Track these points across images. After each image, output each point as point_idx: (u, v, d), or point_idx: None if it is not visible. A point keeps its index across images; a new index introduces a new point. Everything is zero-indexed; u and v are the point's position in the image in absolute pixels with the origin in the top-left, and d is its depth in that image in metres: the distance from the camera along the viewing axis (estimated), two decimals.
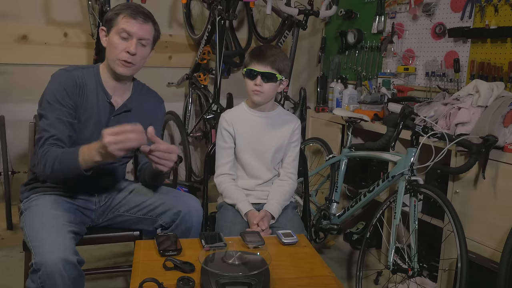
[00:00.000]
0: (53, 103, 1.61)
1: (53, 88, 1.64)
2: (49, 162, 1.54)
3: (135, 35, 1.64)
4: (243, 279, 1.18)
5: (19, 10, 3.07)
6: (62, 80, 1.65)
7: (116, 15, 1.65)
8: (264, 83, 1.84)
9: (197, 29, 3.54)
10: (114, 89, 1.74)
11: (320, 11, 3.06)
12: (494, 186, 1.96)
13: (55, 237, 1.45)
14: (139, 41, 1.65)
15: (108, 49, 1.69)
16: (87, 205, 1.77)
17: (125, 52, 1.64)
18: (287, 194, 1.94)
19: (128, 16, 1.63)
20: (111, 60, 1.68)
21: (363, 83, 3.11)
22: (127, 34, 1.64)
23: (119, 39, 1.64)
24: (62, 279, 1.38)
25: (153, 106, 1.85)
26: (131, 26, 1.63)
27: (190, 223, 1.71)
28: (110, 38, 1.66)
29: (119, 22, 1.64)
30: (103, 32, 1.70)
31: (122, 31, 1.63)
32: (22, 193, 1.77)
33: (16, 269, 2.41)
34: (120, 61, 1.65)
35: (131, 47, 1.63)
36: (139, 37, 1.65)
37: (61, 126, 1.61)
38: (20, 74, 3.12)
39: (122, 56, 1.65)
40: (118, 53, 1.65)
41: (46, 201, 1.65)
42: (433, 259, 2.35)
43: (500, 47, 2.33)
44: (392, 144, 2.16)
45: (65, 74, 1.67)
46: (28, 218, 1.59)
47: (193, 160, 3.57)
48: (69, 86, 1.64)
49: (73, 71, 1.69)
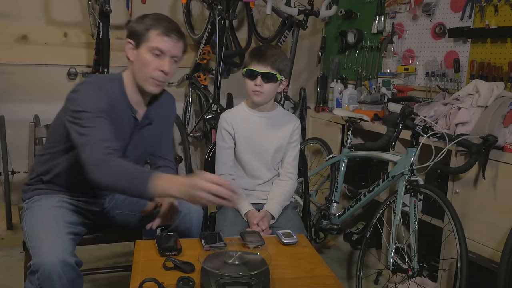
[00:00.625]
0: (96, 112, 1.50)
1: (90, 100, 1.52)
2: (114, 175, 1.42)
3: (169, 53, 1.58)
4: (243, 279, 1.18)
5: (19, 10, 3.07)
6: (98, 93, 1.55)
7: (147, 30, 1.57)
8: (264, 84, 1.83)
9: (197, 29, 3.54)
10: (138, 103, 1.68)
11: (320, 11, 3.06)
12: (494, 186, 1.96)
13: (54, 238, 1.45)
14: (171, 58, 1.59)
15: (137, 65, 1.60)
16: (91, 207, 1.76)
17: (158, 71, 1.58)
18: (287, 194, 1.94)
19: (162, 34, 1.56)
20: (141, 78, 1.60)
21: (363, 83, 3.11)
22: (160, 52, 1.57)
23: (151, 56, 1.57)
24: (60, 280, 1.38)
25: (167, 107, 1.80)
26: (165, 44, 1.56)
27: (190, 223, 1.71)
28: (141, 54, 1.58)
29: (151, 39, 1.56)
30: (130, 45, 1.61)
31: (156, 49, 1.56)
32: (25, 193, 1.74)
33: (16, 269, 2.41)
34: (152, 80, 1.59)
35: (165, 66, 1.57)
36: (172, 55, 1.59)
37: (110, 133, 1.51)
38: (20, 74, 3.12)
39: (156, 75, 1.58)
40: (151, 71, 1.58)
41: (48, 201, 1.64)
42: (433, 259, 2.35)
43: (500, 47, 2.33)
44: (392, 144, 2.16)
45: (97, 88, 1.56)
46: (28, 218, 1.59)
47: (193, 160, 3.57)
48: (104, 100, 1.55)
49: (104, 85, 1.59)
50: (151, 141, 1.67)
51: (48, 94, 3.15)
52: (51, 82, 3.19)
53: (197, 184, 1.30)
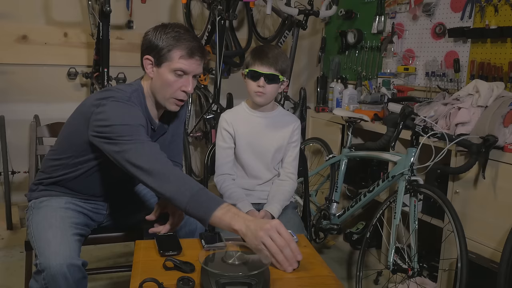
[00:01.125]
0: (137, 126, 1.47)
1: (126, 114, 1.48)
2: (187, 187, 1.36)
3: (192, 73, 1.56)
4: (243, 279, 1.18)
5: (19, 10, 3.07)
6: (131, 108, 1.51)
7: (169, 50, 1.52)
8: (267, 85, 1.83)
9: (197, 29, 3.54)
10: (155, 116, 1.68)
11: (320, 11, 3.06)
12: (494, 186, 1.96)
13: (61, 240, 1.45)
14: (193, 77, 1.58)
15: (158, 83, 1.56)
16: (99, 210, 1.76)
17: (181, 91, 1.56)
18: (287, 194, 1.94)
19: (186, 56, 1.52)
20: (162, 97, 1.58)
21: (363, 83, 3.11)
22: (183, 73, 1.54)
23: (174, 77, 1.54)
24: (66, 281, 1.39)
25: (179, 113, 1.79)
26: (189, 66, 1.53)
27: (195, 225, 1.71)
28: (162, 74, 1.54)
29: (174, 59, 1.52)
30: (149, 61, 1.56)
31: (179, 70, 1.53)
32: (32, 191, 1.72)
33: (16, 269, 2.42)
34: (174, 100, 1.57)
35: (189, 87, 1.55)
36: (195, 74, 1.57)
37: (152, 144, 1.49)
38: (20, 74, 3.12)
39: (179, 95, 1.56)
40: (174, 92, 1.55)
41: (57, 203, 1.64)
42: (433, 259, 2.35)
43: (500, 47, 2.33)
44: (392, 144, 2.16)
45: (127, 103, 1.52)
46: (35, 218, 1.59)
47: (193, 160, 3.57)
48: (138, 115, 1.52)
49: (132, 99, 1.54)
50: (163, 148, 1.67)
51: (48, 94, 3.16)
52: (51, 82, 3.19)
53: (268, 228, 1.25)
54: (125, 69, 3.26)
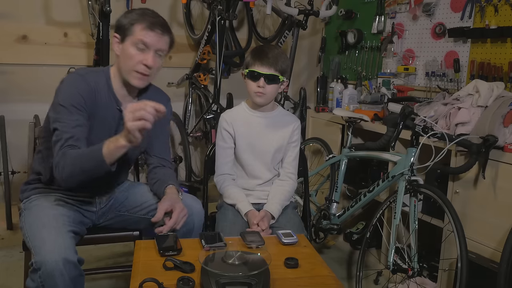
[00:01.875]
0: (69, 107, 1.56)
1: (69, 93, 1.59)
2: (68, 163, 1.49)
3: (153, 46, 1.59)
4: (243, 279, 1.18)
5: (19, 10, 3.07)
6: (78, 85, 1.60)
7: (131, 24, 1.59)
8: (267, 85, 1.83)
9: (197, 29, 3.54)
10: (124, 97, 1.70)
11: (320, 11, 3.06)
12: (494, 186, 1.96)
13: (55, 237, 1.45)
14: (155, 52, 1.61)
15: (122, 58, 1.63)
16: (88, 207, 1.77)
17: (142, 64, 1.60)
18: (287, 194, 1.94)
19: (146, 28, 1.58)
20: (125, 71, 1.63)
21: (363, 83, 3.11)
22: (144, 46, 1.59)
23: (135, 50, 1.59)
24: (62, 278, 1.38)
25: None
26: (149, 38, 1.58)
27: (192, 225, 1.71)
28: (125, 48, 1.61)
29: (136, 32, 1.59)
30: (116, 39, 1.65)
31: (139, 42, 1.58)
32: (22, 193, 1.76)
33: (16, 269, 2.42)
34: (136, 73, 1.61)
35: (149, 60, 1.59)
36: (157, 49, 1.61)
37: (79, 129, 1.56)
38: (20, 74, 3.12)
39: (139, 68, 1.60)
40: (134, 64, 1.60)
41: (47, 201, 1.65)
42: (433, 259, 2.35)
43: (500, 47, 2.33)
44: (392, 144, 2.16)
45: (79, 79, 1.62)
46: (28, 218, 1.59)
47: (193, 160, 3.57)
48: (85, 91, 1.60)
49: (86, 75, 1.64)
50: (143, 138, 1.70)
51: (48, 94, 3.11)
52: (51, 82, 3.15)
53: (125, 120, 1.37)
54: None
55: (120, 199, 1.83)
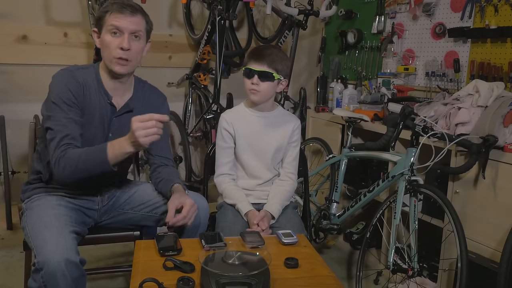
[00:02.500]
0: (60, 104, 1.59)
1: (58, 89, 1.61)
2: (70, 163, 1.52)
3: (126, 29, 1.61)
4: (243, 279, 1.18)
5: (19, 10, 3.07)
6: (66, 81, 1.62)
7: (104, 13, 1.63)
8: (261, 82, 1.84)
9: (197, 29, 3.54)
10: (114, 90, 1.71)
11: (320, 11, 3.06)
12: (494, 186, 1.96)
13: (57, 237, 1.45)
14: (131, 35, 1.62)
15: (102, 49, 1.66)
16: (90, 206, 1.77)
17: (119, 49, 1.61)
18: (287, 194, 1.94)
19: (116, 12, 1.60)
20: (107, 60, 1.65)
21: (363, 83, 3.11)
22: (118, 30, 1.61)
23: (110, 37, 1.61)
24: (64, 278, 1.39)
25: (156, 104, 1.82)
26: (119, 21, 1.60)
27: (198, 220, 1.71)
28: (102, 38, 1.64)
29: (108, 19, 1.61)
30: (96, 33, 1.68)
31: (112, 27, 1.60)
32: (23, 193, 1.76)
33: (16, 269, 2.42)
34: (115, 59, 1.62)
35: (124, 43, 1.60)
36: (131, 31, 1.62)
37: (73, 125, 1.59)
38: (20, 74, 3.12)
39: (117, 54, 1.61)
40: (112, 51, 1.62)
41: (48, 201, 1.65)
42: (433, 259, 2.35)
43: (500, 47, 2.33)
44: (392, 144, 2.16)
45: (68, 74, 1.65)
46: (30, 218, 1.59)
47: (193, 160, 3.57)
48: (73, 86, 1.62)
49: (75, 71, 1.67)
50: None
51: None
52: None
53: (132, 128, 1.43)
54: None
55: (123, 197, 1.83)
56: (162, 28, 3.47)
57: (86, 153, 1.53)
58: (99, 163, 1.51)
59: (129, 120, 1.63)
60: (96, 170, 1.53)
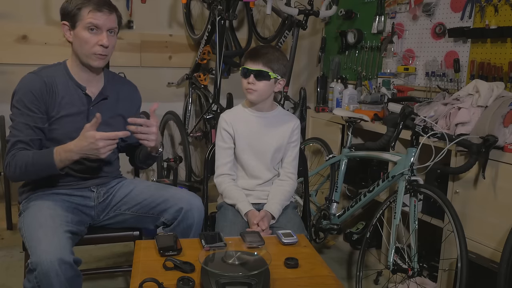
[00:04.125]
0: (21, 108, 1.64)
1: (21, 93, 1.66)
2: (20, 164, 1.59)
3: (104, 27, 1.65)
4: (243, 279, 1.18)
5: (19, 10, 3.07)
6: (30, 85, 1.67)
7: (79, 9, 1.64)
8: (257, 81, 1.84)
9: (197, 29, 3.54)
10: (87, 81, 1.76)
11: (320, 11, 3.06)
12: (494, 186, 1.96)
13: (51, 237, 1.46)
14: (108, 32, 1.67)
15: (77, 44, 1.68)
16: (86, 202, 1.77)
17: (98, 46, 1.65)
18: (287, 194, 1.94)
19: (94, 10, 1.63)
20: (84, 55, 1.68)
21: (363, 83, 3.11)
22: (96, 27, 1.64)
23: (88, 34, 1.65)
24: (58, 278, 1.38)
25: (129, 92, 1.89)
26: (98, 19, 1.64)
27: (192, 219, 1.71)
28: (78, 33, 1.66)
29: (85, 16, 1.64)
30: (66, 26, 1.69)
31: (91, 25, 1.64)
32: (20, 195, 1.78)
33: (16, 269, 2.42)
34: (95, 55, 1.67)
35: (104, 40, 1.65)
36: (108, 28, 1.67)
37: (28, 131, 1.63)
38: (20, 74, 3.08)
39: (97, 50, 1.66)
40: (91, 47, 1.66)
41: (44, 201, 1.66)
42: (433, 259, 2.35)
43: (500, 47, 2.33)
44: (392, 144, 2.16)
45: (32, 77, 1.69)
46: (26, 218, 1.60)
47: (193, 160, 3.57)
48: (37, 89, 1.66)
49: (41, 72, 1.71)
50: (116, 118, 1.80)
51: None
52: None
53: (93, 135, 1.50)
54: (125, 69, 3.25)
55: (120, 197, 1.83)
56: (162, 28, 3.47)
57: (33, 156, 1.59)
58: (46, 166, 1.58)
59: (106, 107, 1.74)
60: (44, 173, 1.62)
